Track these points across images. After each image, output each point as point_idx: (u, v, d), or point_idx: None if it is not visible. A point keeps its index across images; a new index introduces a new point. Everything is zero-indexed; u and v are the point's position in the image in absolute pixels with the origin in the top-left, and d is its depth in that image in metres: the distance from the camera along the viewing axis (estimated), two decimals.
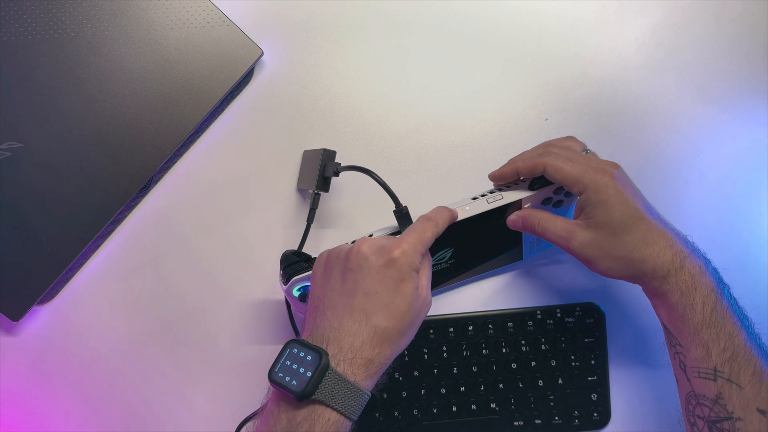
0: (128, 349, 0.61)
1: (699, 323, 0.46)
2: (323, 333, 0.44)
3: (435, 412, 0.61)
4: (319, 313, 0.45)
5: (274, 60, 0.62)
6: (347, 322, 0.43)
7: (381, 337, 0.43)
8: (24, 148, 0.55)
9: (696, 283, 0.47)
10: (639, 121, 0.63)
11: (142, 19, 0.56)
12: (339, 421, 0.42)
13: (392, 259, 0.44)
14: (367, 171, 0.52)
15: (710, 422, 0.46)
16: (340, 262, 0.46)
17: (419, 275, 0.46)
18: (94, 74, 0.56)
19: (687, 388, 0.48)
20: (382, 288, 0.43)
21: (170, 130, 0.57)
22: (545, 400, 0.61)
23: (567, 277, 0.63)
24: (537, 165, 0.50)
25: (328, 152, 0.57)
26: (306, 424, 0.41)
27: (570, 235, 0.49)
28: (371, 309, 0.43)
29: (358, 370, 0.42)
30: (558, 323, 0.61)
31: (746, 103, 0.63)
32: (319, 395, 0.41)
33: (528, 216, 0.52)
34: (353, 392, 0.42)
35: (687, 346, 0.47)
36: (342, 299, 0.44)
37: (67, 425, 0.60)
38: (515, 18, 0.63)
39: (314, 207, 0.57)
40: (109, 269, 0.61)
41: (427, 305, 0.47)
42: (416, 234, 0.46)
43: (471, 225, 0.53)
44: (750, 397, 0.44)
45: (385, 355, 0.44)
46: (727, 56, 0.63)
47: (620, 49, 0.63)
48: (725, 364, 0.45)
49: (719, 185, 0.62)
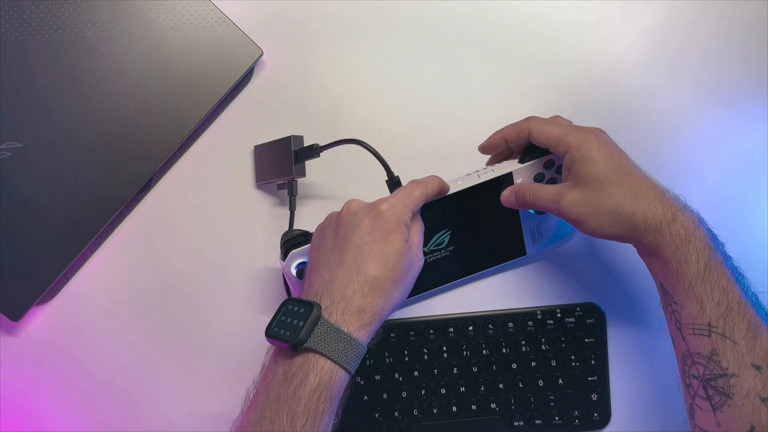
0: (128, 349, 0.61)
1: (693, 277, 0.46)
2: (317, 289, 0.45)
3: (435, 413, 0.61)
4: (313, 272, 0.47)
5: (274, 60, 0.62)
6: (339, 274, 0.44)
7: (372, 285, 0.44)
8: (24, 148, 0.55)
9: (690, 236, 0.46)
10: (639, 121, 0.63)
11: (142, 19, 0.56)
12: (333, 370, 0.42)
13: (380, 212, 0.46)
14: (357, 141, 0.53)
15: (704, 381, 0.45)
16: (333, 222, 0.48)
17: (410, 232, 0.47)
18: (94, 74, 0.56)
19: (683, 348, 0.47)
20: (372, 239, 0.45)
21: (170, 130, 0.57)
22: (545, 400, 0.61)
23: (567, 277, 0.63)
24: (522, 129, 0.52)
25: (297, 138, 0.57)
26: (300, 374, 0.42)
27: (558, 196, 0.50)
28: (362, 259, 0.44)
29: (350, 319, 0.43)
30: (558, 323, 0.61)
31: (746, 103, 0.63)
32: (312, 343, 0.42)
33: (519, 188, 0.53)
34: (346, 341, 0.42)
35: (682, 303, 0.46)
36: (334, 254, 0.46)
37: (67, 425, 0.60)
38: (515, 18, 0.63)
39: (294, 194, 0.58)
40: (108, 269, 0.61)
41: (418, 261, 0.48)
42: (404, 191, 0.48)
43: (465, 203, 0.54)
44: (744, 352, 0.43)
45: (378, 304, 0.44)
46: (727, 56, 0.63)
47: (620, 49, 0.63)
48: (719, 318, 0.44)
49: (719, 185, 0.62)
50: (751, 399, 0.43)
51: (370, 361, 0.60)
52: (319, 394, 0.41)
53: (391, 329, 0.61)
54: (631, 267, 0.63)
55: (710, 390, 0.45)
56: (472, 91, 0.63)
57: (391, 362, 0.61)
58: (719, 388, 0.44)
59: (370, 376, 0.60)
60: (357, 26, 0.62)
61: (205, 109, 0.58)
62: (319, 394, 0.41)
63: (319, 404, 0.41)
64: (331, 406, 0.42)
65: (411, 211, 0.47)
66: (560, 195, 0.50)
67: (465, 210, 0.56)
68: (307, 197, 0.62)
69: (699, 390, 0.45)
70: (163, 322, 0.61)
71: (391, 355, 0.61)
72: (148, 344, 0.61)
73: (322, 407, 0.42)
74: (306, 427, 0.41)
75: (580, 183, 0.49)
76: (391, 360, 0.61)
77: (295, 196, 0.58)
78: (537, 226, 0.58)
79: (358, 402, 0.60)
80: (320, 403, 0.41)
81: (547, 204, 0.51)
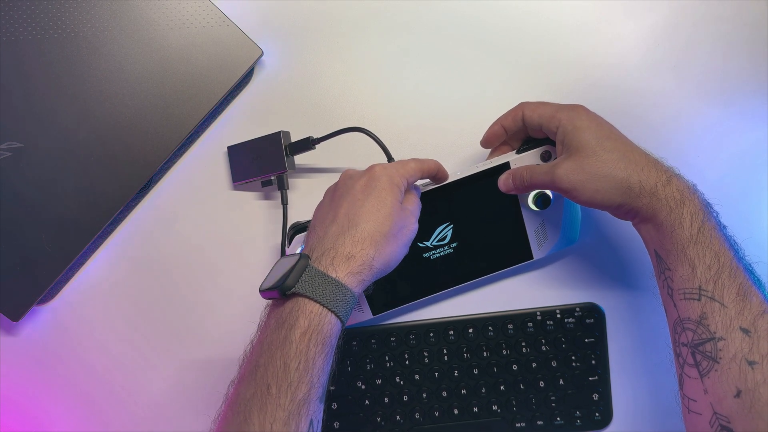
0: (128, 349, 0.61)
1: (686, 240, 0.45)
2: (311, 245, 0.46)
3: (437, 416, 0.61)
4: (310, 232, 0.49)
5: (274, 60, 0.62)
6: (332, 228, 0.46)
7: (362, 235, 0.45)
8: (24, 148, 0.56)
9: (684, 199, 0.46)
10: (639, 121, 0.63)
11: (142, 19, 0.56)
12: (322, 313, 0.43)
13: (373, 173, 0.48)
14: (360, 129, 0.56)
15: (693, 347, 0.45)
16: (330, 190, 0.51)
17: (405, 198, 0.50)
18: (94, 74, 0.56)
19: (674, 315, 0.47)
20: (364, 195, 0.47)
21: (170, 130, 0.57)
22: (547, 401, 0.61)
23: (567, 277, 0.63)
24: (516, 112, 0.54)
25: (285, 133, 0.59)
26: (290, 319, 0.42)
27: (553, 169, 0.50)
28: (353, 213, 0.46)
29: (339, 266, 0.44)
30: (558, 324, 0.61)
31: (746, 103, 0.63)
32: (300, 288, 0.43)
33: (515, 170, 0.54)
34: (333, 285, 0.43)
35: (674, 267, 0.46)
36: (329, 213, 0.48)
37: (67, 425, 0.60)
38: (516, 18, 0.63)
39: (286, 188, 0.59)
40: (109, 269, 0.61)
41: (412, 224, 0.49)
42: (399, 161, 0.51)
43: (465, 194, 0.56)
44: (733, 315, 0.43)
45: (368, 254, 0.45)
46: (727, 56, 0.63)
47: (620, 49, 0.63)
48: (709, 282, 0.44)
49: (719, 185, 0.62)
50: (738, 362, 0.42)
51: (371, 366, 0.60)
52: (309, 336, 0.42)
53: (392, 333, 0.61)
54: (630, 267, 0.62)
55: (698, 356, 0.44)
56: (473, 92, 0.63)
57: (392, 366, 0.60)
58: (707, 353, 0.44)
59: (372, 380, 0.60)
60: (357, 26, 0.62)
61: (205, 109, 0.58)
62: (309, 336, 0.42)
63: (310, 346, 0.42)
64: (323, 350, 0.43)
65: (405, 178, 0.49)
66: (554, 166, 0.50)
67: (465, 201, 0.57)
68: (307, 194, 0.62)
69: (688, 357, 0.45)
70: (164, 322, 0.61)
71: (391, 359, 0.60)
72: (148, 344, 0.61)
73: (314, 350, 0.42)
74: (299, 370, 0.41)
75: (573, 152, 0.49)
76: (392, 364, 0.60)
77: (286, 190, 0.59)
78: (541, 225, 0.58)
79: (360, 406, 0.60)
80: (311, 345, 0.42)
81: (542, 178, 0.51)
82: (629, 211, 0.49)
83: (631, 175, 0.47)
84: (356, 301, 0.45)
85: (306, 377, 0.41)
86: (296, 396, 0.41)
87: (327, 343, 0.43)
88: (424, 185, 0.56)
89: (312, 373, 0.42)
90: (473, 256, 0.59)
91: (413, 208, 0.50)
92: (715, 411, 0.43)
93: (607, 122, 0.51)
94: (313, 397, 0.42)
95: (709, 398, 0.43)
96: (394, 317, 0.62)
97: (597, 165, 0.48)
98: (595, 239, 0.62)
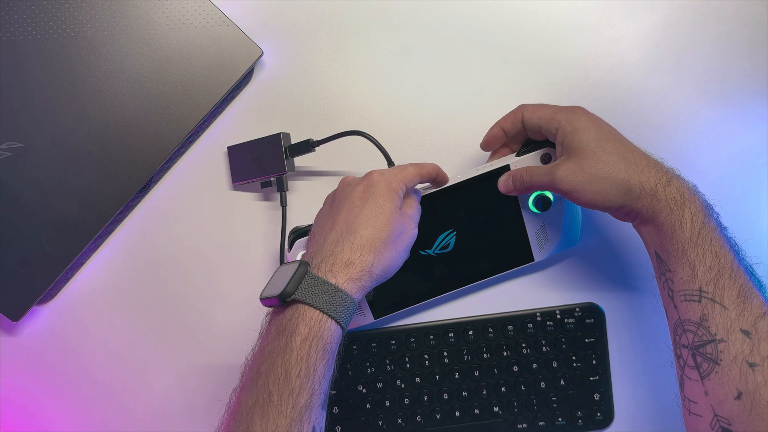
0: (128, 349, 0.61)
1: (687, 241, 0.45)
2: (311, 252, 0.47)
3: (438, 418, 0.60)
4: (310, 240, 0.49)
5: (274, 60, 0.62)
6: (331, 236, 0.46)
7: (361, 242, 0.45)
8: (24, 148, 0.56)
9: (685, 200, 0.46)
10: (639, 121, 0.63)
11: (142, 19, 0.57)
12: (322, 319, 0.43)
13: (371, 180, 0.48)
14: (359, 132, 0.56)
15: (693, 349, 0.44)
16: (329, 198, 0.51)
17: (404, 203, 0.50)
18: (94, 74, 0.56)
19: (674, 317, 0.47)
20: (362, 202, 0.47)
21: (170, 130, 0.57)
22: (548, 401, 0.61)
23: (567, 279, 0.62)
24: (515, 114, 0.54)
25: (285, 135, 0.59)
26: (291, 326, 0.42)
27: (553, 170, 0.50)
28: (352, 220, 0.46)
29: (339, 273, 0.44)
30: (558, 324, 0.61)
31: (746, 103, 0.63)
32: (299, 295, 0.43)
33: (515, 172, 0.54)
34: (332, 291, 0.43)
35: (674, 269, 0.46)
36: (329, 220, 0.48)
37: (66, 425, 0.60)
38: (516, 19, 0.63)
39: (285, 189, 0.59)
40: (108, 269, 0.61)
41: (411, 230, 0.49)
42: (397, 167, 0.51)
43: (466, 198, 0.56)
44: (734, 317, 0.43)
45: (367, 260, 0.45)
46: (727, 56, 0.63)
47: (620, 49, 0.63)
48: (710, 283, 0.44)
49: (719, 185, 0.62)
50: (738, 364, 0.42)
51: (372, 369, 0.60)
52: (310, 343, 0.42)
53: (392, 336, 0.61)
54: (631, 268, 0.62)
55: (699, 357, 0.44)
56: (473, 92, 0.63)
57: (393, 369, 0.60)
58: (707, 355, 0.43)
59: (373, 384, 0.60)
60: (357, 26, 0.62)
61: (205, 109, 0.58)
62: (309, 343, 0.42)
63: (311, 353, 0.42)
64: (324, 356, 0.43)
65: (403, 183, 0.49)
66: (554, 168, 0.50)
67: (466, 205, 0.56)
68: (306, 197, 0.62)
69: (688, 359, 0.45)
70: (164, 322, 0.61)
71: (392, 363, 0.60)
72: (147, 344, 0.61)
73: (315, 357, 0.42)
74: (301, 377, 0.41)
75: (573, 153, 0.49)
76: (392, 367, 0.60)
77: (286, 192, 0.59)
78: (542, 227, 0.58)
79: (361, 410, 0.60)
80: (312, 352, 0.42)
81: (542, 179, 0.51)
82: (630, 213, 0.49)
83: (632, 177, 0.47)
84: (356, 307, 0.45)
85: (307, 384, 0.41)
86: (298, 403, 0.41)
87: (328, 349, 0.43)
88: (424, 189, 0.56)
89: (313, 380, 0.42)
90: (474, 259, 0.59)
91: (413, 212, 0.50)
92: (715, 413, 0.43)
93: (606, 123, 0.51)
94: (315, 403, 0.42)
95: (709, 400, 0.43)
96: (395, 320, 0.62)
97: (597, 166, 0.48)
98: (596, 241, 0.62)
